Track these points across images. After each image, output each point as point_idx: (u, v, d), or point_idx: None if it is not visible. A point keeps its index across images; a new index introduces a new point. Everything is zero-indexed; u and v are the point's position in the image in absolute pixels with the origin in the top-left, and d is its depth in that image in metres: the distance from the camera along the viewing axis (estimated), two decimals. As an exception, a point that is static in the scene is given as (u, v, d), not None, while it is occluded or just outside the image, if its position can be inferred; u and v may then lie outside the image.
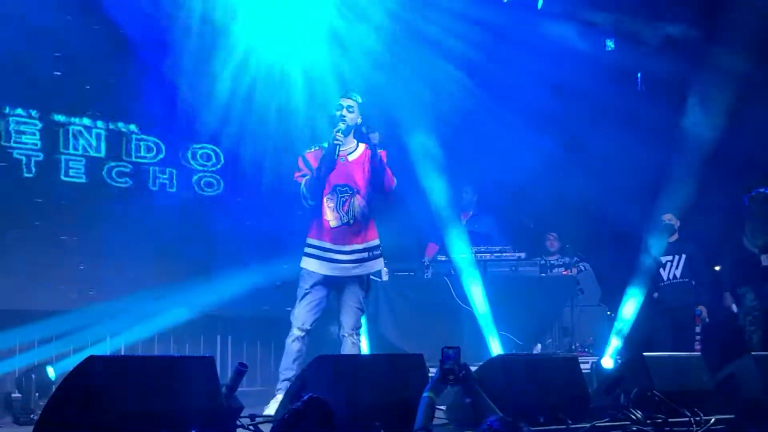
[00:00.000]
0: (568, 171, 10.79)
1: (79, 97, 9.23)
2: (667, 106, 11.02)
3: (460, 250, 9.45)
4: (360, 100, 7.00)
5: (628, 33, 11.30)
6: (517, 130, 10.53)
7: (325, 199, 6.87)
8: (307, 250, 6.92)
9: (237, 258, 9.68)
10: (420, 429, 4.40)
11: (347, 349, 6.73)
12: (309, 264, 6.87)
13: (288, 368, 6.50)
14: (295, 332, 6.67)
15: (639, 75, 11.76)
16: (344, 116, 6.91)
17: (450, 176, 9.74)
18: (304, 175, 6.91)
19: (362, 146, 7.03)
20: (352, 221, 6.87)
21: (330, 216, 6.86)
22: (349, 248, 6.86)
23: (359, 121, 6.94)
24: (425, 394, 4.50)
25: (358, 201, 6.89)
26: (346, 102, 6.97)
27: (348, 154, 6.98)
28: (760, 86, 10.33)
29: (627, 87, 11.16)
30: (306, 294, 6.78)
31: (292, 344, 6.64)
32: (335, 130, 6.79)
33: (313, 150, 6.99)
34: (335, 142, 6.76)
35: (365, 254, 6.93)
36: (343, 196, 6.86)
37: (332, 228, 6.85)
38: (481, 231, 10.15)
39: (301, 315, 6.71)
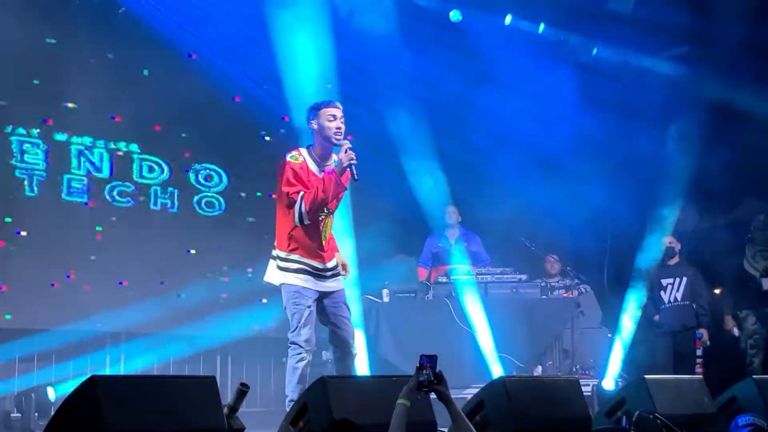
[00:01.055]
0: (566, 191, 10.78)
1: (82, 117, 9.26)
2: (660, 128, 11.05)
3: (460, 273, 9.47)
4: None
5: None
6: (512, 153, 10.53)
7: None
8: (290, 265, 6.25)
9: (236, 277, 9.70)
10: None
11: (354, 366, 6.51)
12: (298, 280, 6.24)
13: (299, 391, 5.95)
14: (305, 354, 6.16)
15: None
16: (341, 128, 6.26)
17: (435, 196, 9.80)
18: (299, 191, 6.17)
19: (333, 157, 6.35)
20: (323, 242, 6.34)
21: (313, 237, 6.29)
22: (329, 265, 6.41)
23: None
24: (399, 401, 4.49)
25: (330, 221, 6.42)
26: (339, 111, 6.27)
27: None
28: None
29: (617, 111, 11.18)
30: (310, 313, 6.25)
31: (304, 366, 6.15)
32: (347, 147, 6.13)
33: (298, 161, 6.24)
34: (351, 161, 6.09)
35: (336, 271, 6.45)
36: (321, 216, 6.29)
37: (314, 248, 6.30)
38: (470, 249, 10.15)
39: (308, 334, 6.19)
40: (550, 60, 11.07)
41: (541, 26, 11.15)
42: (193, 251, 9.83)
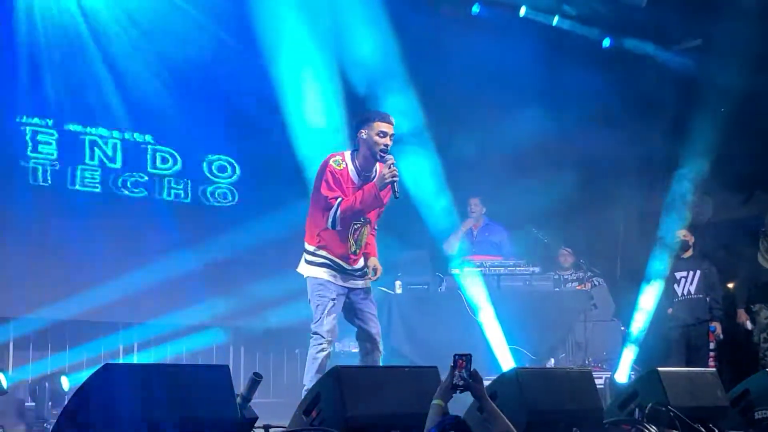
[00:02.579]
0: (579, 184, 10.74)
1: (95, 107, 9.27)
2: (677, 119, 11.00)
3: (472, 264, 9.46)
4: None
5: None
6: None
7: None
8: (317, 259, 6.33)
9: (250, 269, 9.71)
10: None
11: (380, 361, 6.47)
12: (324, 274, 6.32)
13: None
14: (325, 345, 6.22)
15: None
16: (389, 145, 6.23)
17: (456, 188, 9.76)
18: (337, 197, 6.18)
19: (376, 167, 6.35)
20: (357, 251, 6.40)
21: (342, 240, 6.36)
22: (356, 267, 6.46)
23: None
24: (434, 401, 4.49)
25: (368, 230, 6.44)
26: (391, 128, 6.23)
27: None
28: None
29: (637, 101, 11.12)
30: (334, 305, 6.29)
31: (324, 357, 6.19)
32: (391, 163, 6.10)
33: (340, 167, 6.23)
34: (394, 179, 6.09)
35: (364, 272, 6.48)
36: (356, 224, 6.33)
37: (341, 252, 6.36)
38: (492, 240, 10.15)
39: (331, 325, 6.25)
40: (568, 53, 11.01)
41: (555, 18, 11.10)
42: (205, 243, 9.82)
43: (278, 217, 9.68)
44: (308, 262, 6.37)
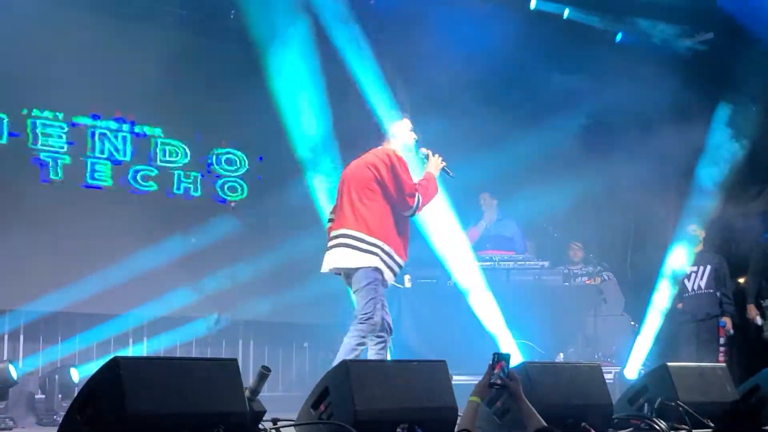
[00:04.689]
0: (590, 178, 10.71)
1: (105, 100, 9.29)
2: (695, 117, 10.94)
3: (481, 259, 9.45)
4: None
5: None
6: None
7: None
8: (384, 256, 6.36)
9: (260, 262, 9.71)
10: (462, 431, 4.44)
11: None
12: (387, 271, 6.39)
13: None
14: (384, 340, 6.35)
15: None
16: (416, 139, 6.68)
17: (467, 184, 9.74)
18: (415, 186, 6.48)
19: None
20: (407, 245, 6.62)
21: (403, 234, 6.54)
22: (402, 265, 6.62)
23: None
24: (470, 398, 4.53)
25: None
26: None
27: None
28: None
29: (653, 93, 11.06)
30: (383, 301, 6.40)
31: (365, 351, 6.31)
32: (441, 159, 6.58)
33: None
34: (444, 164, 6.60)
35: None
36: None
37: (400, 246, 6.49)
38: (505, 235, 10.14)
39: (381, 320, 6.35)
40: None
41: (566, 11, 11.04)
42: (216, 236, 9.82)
43: (287, 209, 9.72)
44: (368, 252, 6.33)
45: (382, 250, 6.36)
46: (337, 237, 6.43)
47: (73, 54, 9.01)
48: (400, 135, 6.61)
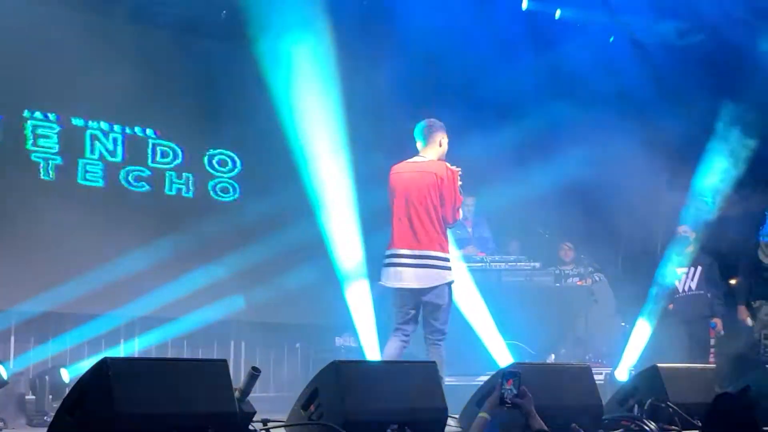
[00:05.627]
0: (582, 179, 10.71)
1: (97, 101, 9.27)
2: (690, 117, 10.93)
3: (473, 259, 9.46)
4: None
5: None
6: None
7: None
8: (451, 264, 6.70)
9: (252, 263, 9.71)
10: None
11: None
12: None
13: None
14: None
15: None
16: None
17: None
18: None
19: None
20: None
21: None
22: None
23: None
24: (480, 413, 4.53)
25: None
26: None
27: None
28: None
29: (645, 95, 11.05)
30: None
31: None
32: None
33: None
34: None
35: None
36: None
37: None
38: (483, 236, 10.15)
39: None
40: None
41: (558, 12, 11.05)
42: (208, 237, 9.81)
43: (280, 211, 9.71)
44: (445, 269, 6.59)
45: (449, 260, 6.66)
46: (413, 257, 6.56)
47: (66, 55, 8.98)
48: (442, 146, 6.73)
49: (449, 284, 6.60)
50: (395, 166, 6.78)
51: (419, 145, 6.73)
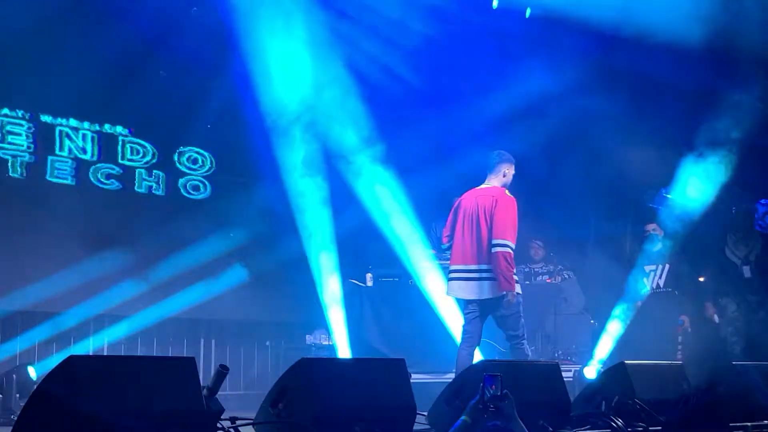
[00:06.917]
0: (552, 177, 10.74)
1: (68, 98, 9.21)
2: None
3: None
4: None
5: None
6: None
7: None
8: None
9: (222, 261, 9.70)
10: None
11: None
12: None
13: None
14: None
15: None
16: None
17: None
18: None
19: None
20: None
21: None
22: None
23: None
24: (462, 417, 4.53)
25: None
26: None
27: None
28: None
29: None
30: None
31: None
32: None
33: None
34: None
35: None
36: None
37: None
38: None
39: None
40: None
41: (528, 11, 11.00)
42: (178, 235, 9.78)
43: (252, 209, 9.70)
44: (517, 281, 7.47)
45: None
46: (475, 271, 7.43)
47: (39, 52, 8.93)
48: (507, 177, 7.58)
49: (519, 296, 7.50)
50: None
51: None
